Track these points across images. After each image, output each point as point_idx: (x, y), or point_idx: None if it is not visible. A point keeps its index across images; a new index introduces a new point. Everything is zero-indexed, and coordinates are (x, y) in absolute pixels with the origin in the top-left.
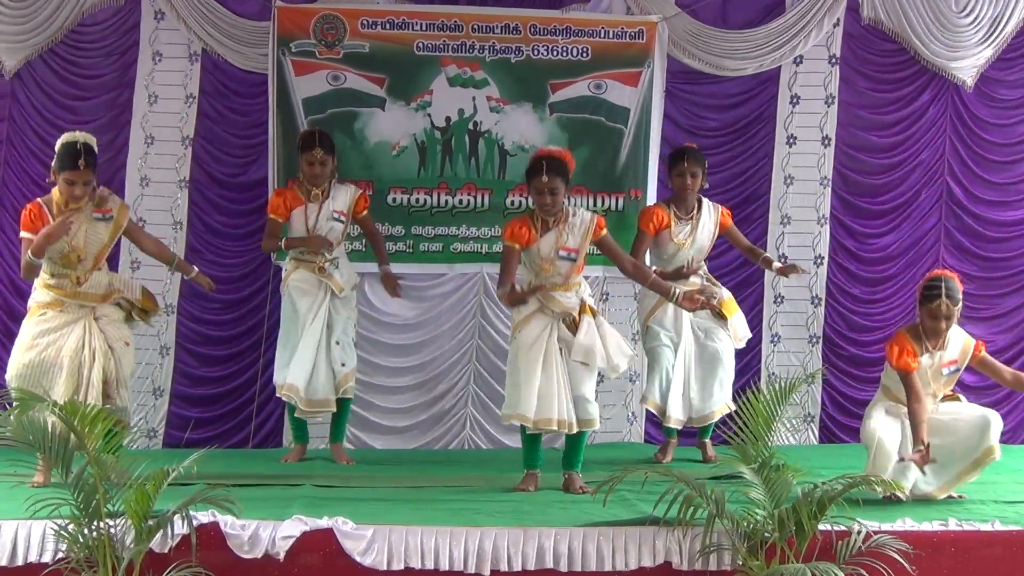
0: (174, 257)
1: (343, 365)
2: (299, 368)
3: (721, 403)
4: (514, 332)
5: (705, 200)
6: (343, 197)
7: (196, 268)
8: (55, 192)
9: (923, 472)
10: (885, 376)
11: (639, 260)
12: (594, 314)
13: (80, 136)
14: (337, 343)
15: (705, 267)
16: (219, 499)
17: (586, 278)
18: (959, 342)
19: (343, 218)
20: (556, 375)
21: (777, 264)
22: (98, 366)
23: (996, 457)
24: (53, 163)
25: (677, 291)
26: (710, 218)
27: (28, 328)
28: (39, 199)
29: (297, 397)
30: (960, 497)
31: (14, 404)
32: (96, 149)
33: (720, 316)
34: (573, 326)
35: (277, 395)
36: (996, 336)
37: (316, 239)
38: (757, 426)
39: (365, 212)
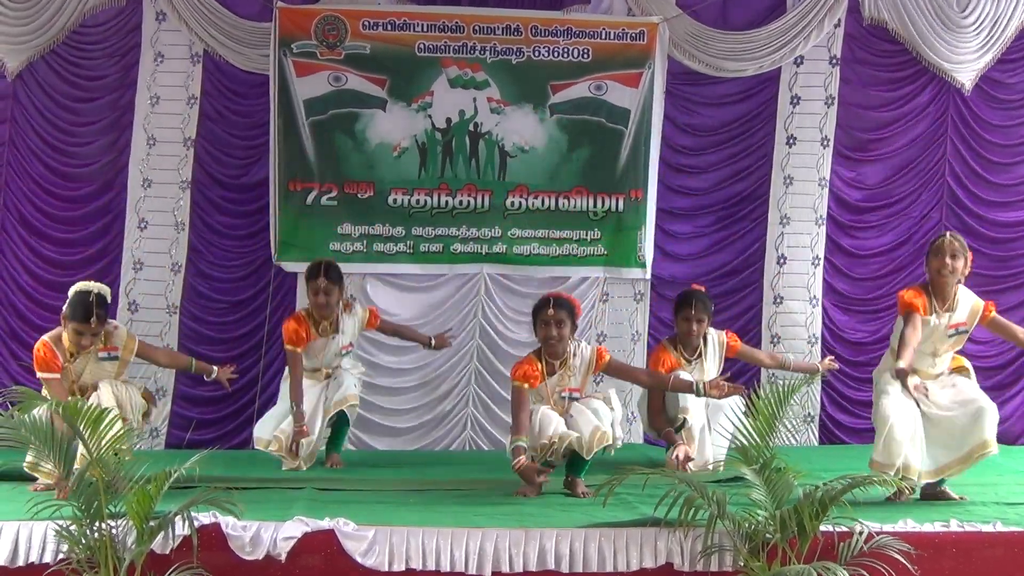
0: (191, 362)
1: (354, 386)
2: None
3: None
4: None
5: (711, 333)
6: (351, 329)
7: (215, 368)
8: (64, 334)
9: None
10: (894, 338)
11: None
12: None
13: (94, 287)
14: (341, 384)
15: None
16: (221, 500)
17: (585, 279)
18: (968, 304)
19: (351, 350)
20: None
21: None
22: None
23: (992, 451)
24: (64, 308)
25: (701, 385)
26: (715, 354)
27: None
28: (47, 338)
29: (282, 447)
30: (961, 499)
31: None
32: (109, 300)
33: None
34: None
35: (256, 447)
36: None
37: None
38: (759, 427)
39: (379, 324)
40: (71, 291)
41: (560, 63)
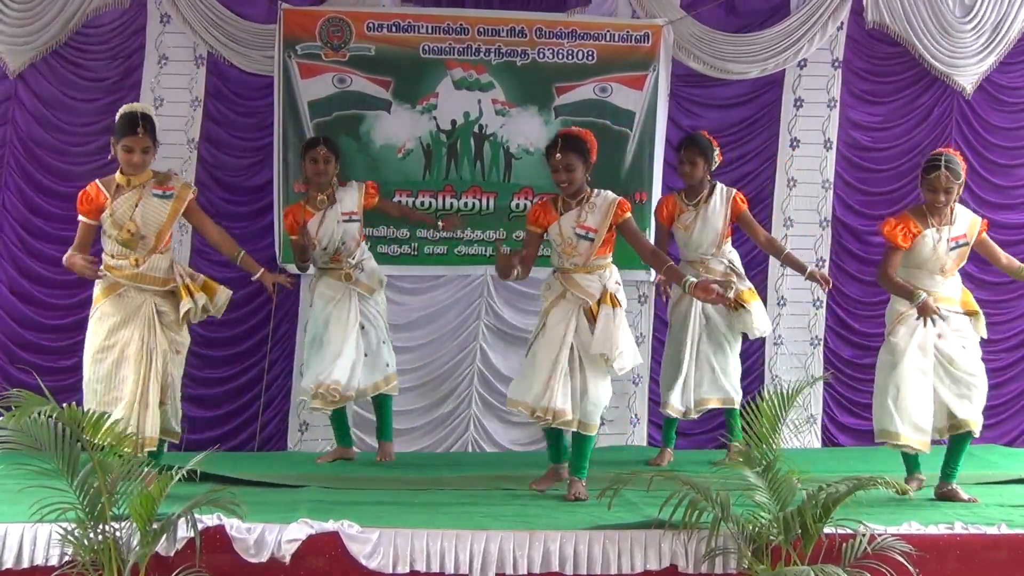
0: (240, 251)
1: (387, 365)
2: (342, 368)
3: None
4: (541, 318)
5: (719, 185)
6: (349, 197)
7: (262, 269)
8: (116, 175)
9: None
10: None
11: (662, 249)
12: (615, 304)
13: (138, 106)
14: (384, 343)
15: (731, 256)
16: (224, 501)
17: None
18: (966, 218)
19: (355, 218)
20: (566, 371)
21: (810, 268)
22: (156, 367)
23: (973, 432)
24: (112, 137)
25: (690, 280)
26: (721, 202)
27: (93, 335)
28: (98, 180)
29: (339, 395)
30: (971, 500)
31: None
32: (155, 121)
33: (737, 308)
34: (591, 315)
35: (311, 404)
36: (1001, 339)
37: (297, 245)
38: (762, 429)
39: (377, 200)
40: (117, 116)
41: (565, 65)
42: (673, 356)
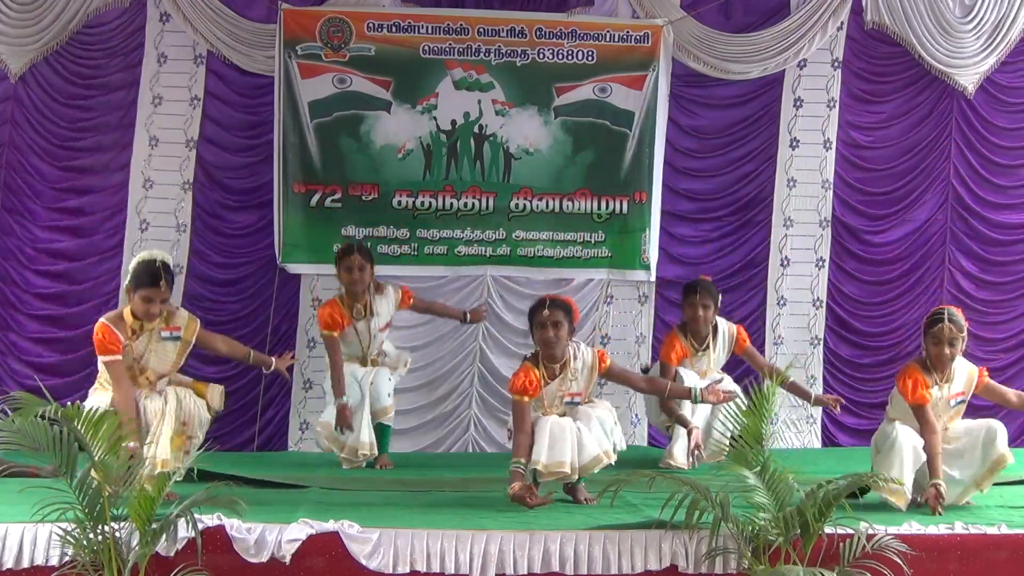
0: (249, 352)
1: (388, 396)
2: (367, 430)
3: None
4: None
5: (720, 323)
6: (385, 309)
7: (273, 360)
8: (125, 311)
9: (938, 514)
10: (892, 409)
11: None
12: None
13: (158, 255)
14: (390, 379)
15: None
16: (223, 500)
17: (589, 281)
18: (964, 372)
19: (390, 330)
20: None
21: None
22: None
23: (1010, 461)
24: (128, 281)
25: (698, 390)
26: (724, 345)
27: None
28: (105, 320)
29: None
30: (967, 503)
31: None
32: (171, 267)
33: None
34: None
35: (341, 456)
36: (1001, 339)
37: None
38: (753, 427)
39: (412, 303)
40: (132, 263)
41: (565, 65)
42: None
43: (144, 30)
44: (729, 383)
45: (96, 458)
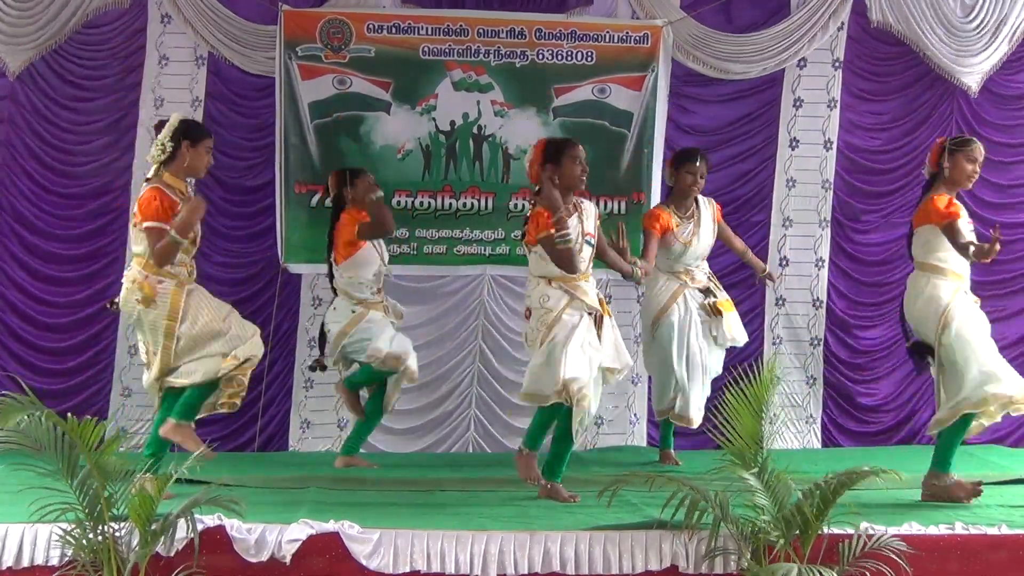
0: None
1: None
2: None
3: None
4: (550, 324)
5: (700, 196)
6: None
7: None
8: (167, 176)
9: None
10: (926, 253)
11: (649, 261)
12: (609, 314)
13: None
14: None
15: (707, 267)
16: (222, 500)
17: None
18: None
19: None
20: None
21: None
22: None
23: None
24: (179, 137)
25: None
26: (708, 214)
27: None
28: (154, 186)
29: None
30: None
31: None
32: (171, 122)
33: (715, 314)
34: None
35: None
36: (1000, 338)
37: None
38: (752, 428)
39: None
40: (174, 120)
41: (564, 66)
42: (665, 362)
43: (145, 31)
44: (723, 293)
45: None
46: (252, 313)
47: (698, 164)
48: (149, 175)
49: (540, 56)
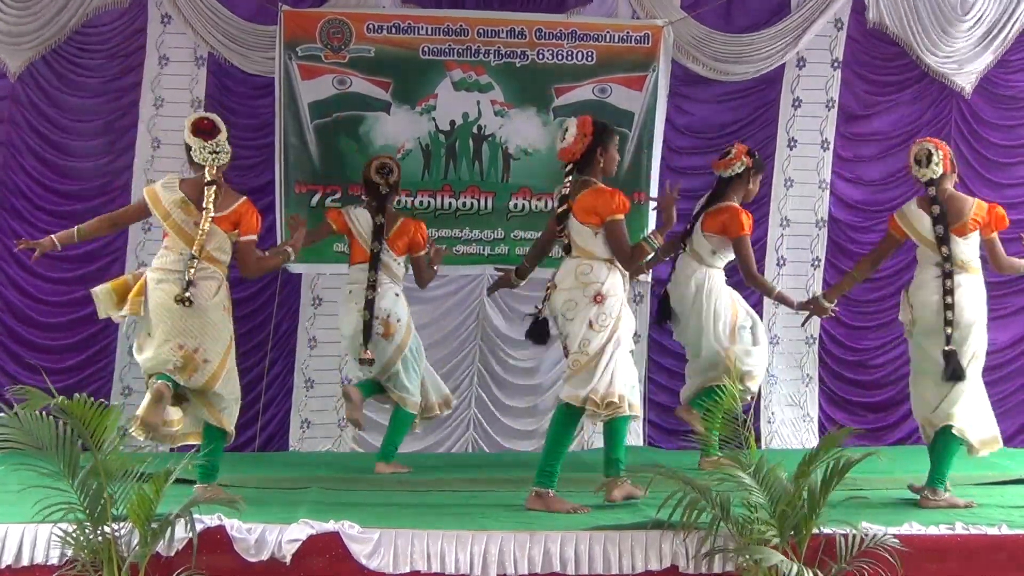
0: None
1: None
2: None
3: None
4: (616, 319)
5: None
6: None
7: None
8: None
9: None
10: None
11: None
12: None
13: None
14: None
15: None
16: (221, 499)
17: None
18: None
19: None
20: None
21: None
22: None
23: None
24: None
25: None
26: None
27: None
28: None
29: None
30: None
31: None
32: (223, 125)
33: None
34: None
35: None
36: (999, 337)
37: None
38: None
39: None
40: (195, 120)
41: (564, 66)
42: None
43: (145, 31)
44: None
45: (97, 455)
46: (252, 313)
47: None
48: (211, 179)
49: (540, 56)
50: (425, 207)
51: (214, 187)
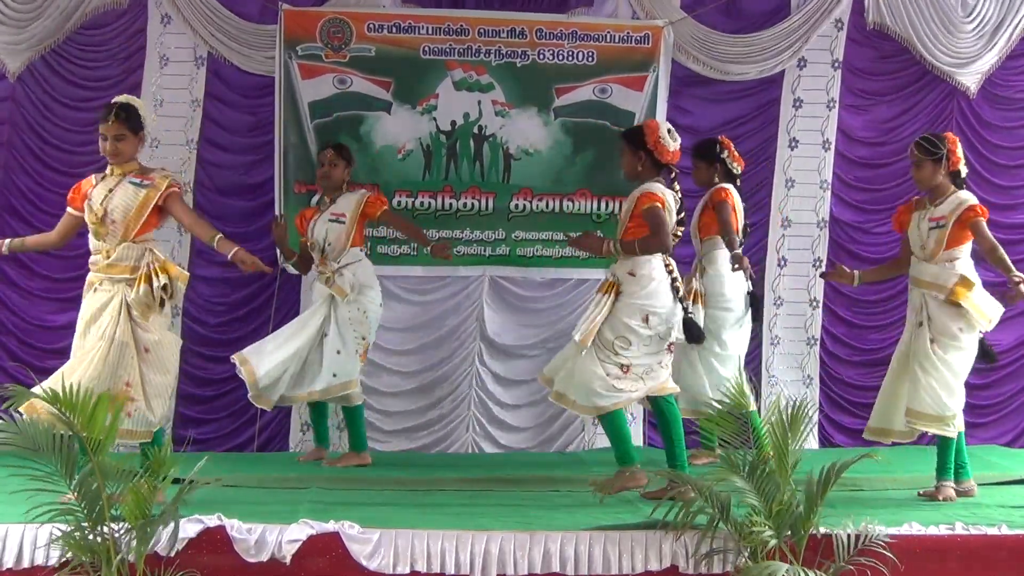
0: (216, 234)
1: (334, 376)
2: (269, 358)
3: None
4: (647, 314)
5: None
6: (346, 201)
7: (237, 246)
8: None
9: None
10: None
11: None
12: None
13: (123, 97)
14: (337, 352)
15: None
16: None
17: (587, 280)
18: (953, 202)
19: (342, 219)
20: None
21: None
22: (111, 362)
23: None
24: None
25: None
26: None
27: (75, 341)
28: (94, 174)
29: (250, 378)
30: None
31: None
32: (140, 112)
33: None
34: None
35: (231, 359)
36: (1003, 339)
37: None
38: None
39: (381, 212)
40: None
41: (565, 66)
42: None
43: (145, 32)
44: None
45: (90, 447)
46: (252, 312)
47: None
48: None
49: (541, 56)
50: (426, 208)
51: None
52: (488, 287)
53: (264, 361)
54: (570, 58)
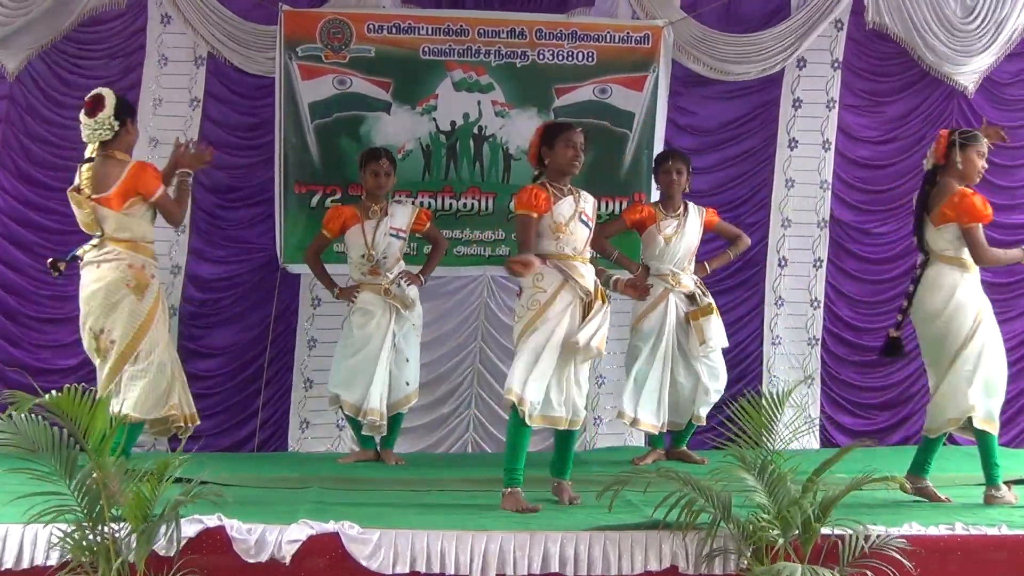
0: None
1: (407, 384)
2: (376, 395)
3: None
4: (540, 311)
5: (692, 204)
6: (402, 214)
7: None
8: (118, 154)
9: None
10: (959, 250)
11: (603, 240)
12: (605, 301)
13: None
14: (407, 360)
15: (691, 271)
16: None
17: None
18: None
19: (402, 235)
20: (571, 371)
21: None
22: None
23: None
24: (123, 116)
25: (614, 281)
26: (697, 217)
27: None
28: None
29: (379, 420)
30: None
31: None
32: (110, 101)
33: (687, 322)
34: (587, 310)
35: (332, 407)
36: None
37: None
38: (756, 431)
39: (427, 227)
40: (111, 97)
41: (565, 66)
42: (643, 370)
43: (144, 31)
44: (708, 298)
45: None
46: (251, 313)
47: (670, 162)
48: (92, 153)
49: (541, 56)
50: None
51: (88, 164)
52: (489, 287)
53: (355, 394)
54: (570, 58)
